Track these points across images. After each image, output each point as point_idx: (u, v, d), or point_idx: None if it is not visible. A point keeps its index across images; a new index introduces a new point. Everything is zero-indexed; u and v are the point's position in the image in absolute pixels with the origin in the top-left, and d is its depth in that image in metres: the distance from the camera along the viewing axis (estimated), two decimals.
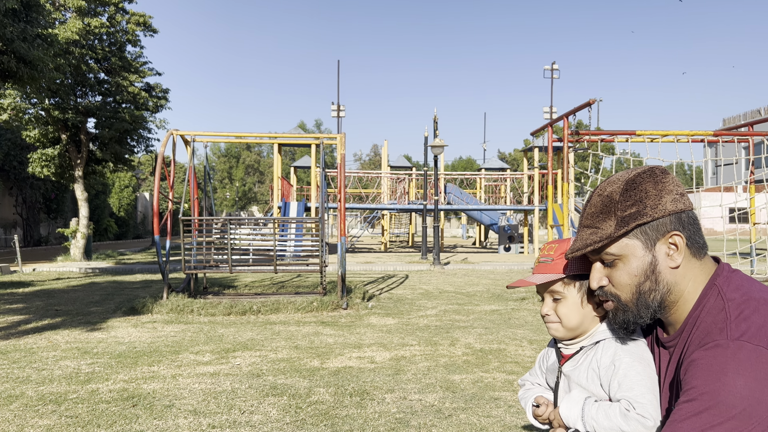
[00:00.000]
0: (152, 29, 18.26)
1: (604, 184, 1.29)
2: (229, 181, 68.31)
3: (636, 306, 1.24)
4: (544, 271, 1.46)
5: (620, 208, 1.22)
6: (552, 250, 1.47)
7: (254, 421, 3.80)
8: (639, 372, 1.29)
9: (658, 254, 1.22)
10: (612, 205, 1.24)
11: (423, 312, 8.42)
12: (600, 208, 1.26)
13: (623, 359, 1.32)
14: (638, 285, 1.23)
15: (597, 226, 1.25)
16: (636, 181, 1.24)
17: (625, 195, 1.23)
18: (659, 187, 1.23)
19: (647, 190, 1.23)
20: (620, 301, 1.26)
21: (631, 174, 1.26)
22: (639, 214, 1.21)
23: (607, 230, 1.23)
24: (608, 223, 1.24)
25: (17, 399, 4.25)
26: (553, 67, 33.32)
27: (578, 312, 1.42)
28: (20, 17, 10.38)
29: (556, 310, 1.44)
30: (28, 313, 8.14)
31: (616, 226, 1.22)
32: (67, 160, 17.52)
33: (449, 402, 4.21)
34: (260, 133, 12.30)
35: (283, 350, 5.87)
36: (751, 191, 11.71)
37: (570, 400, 1.38)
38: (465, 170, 56.89)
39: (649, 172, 1.26)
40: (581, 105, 9.95)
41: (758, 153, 22.95)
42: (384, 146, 28.20)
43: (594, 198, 1.29)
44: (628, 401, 1.26)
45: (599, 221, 1.25)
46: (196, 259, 9.01)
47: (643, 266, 1.22)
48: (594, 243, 1.24)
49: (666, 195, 1.22)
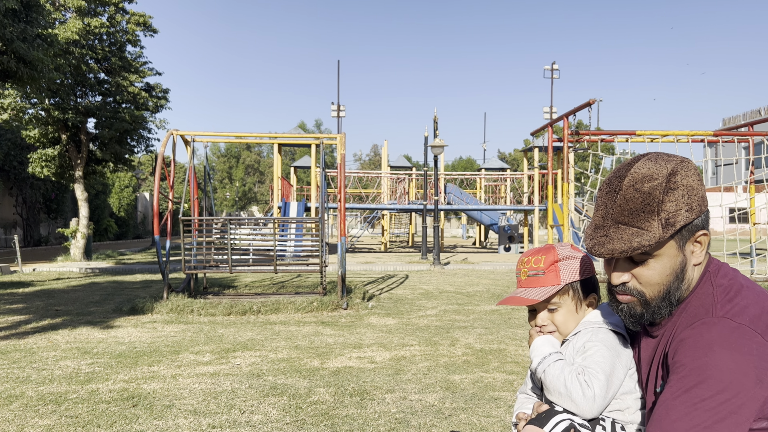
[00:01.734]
0: (152, 29, 18.26)
1: (639, 177, 1.21)
2: (229, 181, 68.32)
3: (659, 302, 1.24)
4: (537, 285, 1.43)
5: (664, 209, 1.18)
6: (540, 262, 1.43)
7: (254, 421, 3.80)
8: (604, 355, 1.35)
9: (686, 253, 1.22)
10: (655, 204, 1.18)
11: (423, 312, 8.42)
12: (640, 205, 1.19)
13: (594, 342, 1.38)
14: (668, 284, 1.22)
15: (640, 226, 1.19)
16: (677, 178, 1.19)
17: (669, 194, 1.18)
18: (696, 184, 1.20)
19: (689, 188, 1.19)
20: (644, 297, 1.24)
21: (668, 167, 1.20)
22: (683, 215, 1.18)
23: (653, 232, 1.18)
24: (652, 223, 1.18)
25: (17, 399, 4.25)
26: (553, 67, 33.32)
27: (574, 318, 1.44)
28: (20, 17, 10.38)
29: (552, 319, 1.44)
30: (29, 313, 8.14)
31: (663, 229, 1.18)
32: (67, 160, 17.52)
33: (449, 402, 4.21)
34: (260, 133, 12.30)
35: (283, 350, 5.87)
36: (751, 191, 11.71)
37: (548, 341, 1.42)
38: (465, 170, 56.90)
39: (684, 165, 1.21)
40: (581, 105, 9.96)
41: (758, 153, 22.94)
42: (384, 146, 28.20)
43: (630, 192, 1.20)
44: (582, 368, 1.33)
45: (641, 221, 1.19)
46: (196, 259, 9.02)
47: (675, 266, 1.22)
48: (643, 247, 1.18)
49: (701, 192, 1.21)
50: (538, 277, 1.42)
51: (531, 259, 1.45)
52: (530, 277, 1.44)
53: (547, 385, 1.36)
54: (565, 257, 1.44)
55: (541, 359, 1.38)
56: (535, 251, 1.47)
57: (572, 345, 1.42)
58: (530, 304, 1.42)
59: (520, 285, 1.47)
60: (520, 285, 1.48)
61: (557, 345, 1.43)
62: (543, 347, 1.41)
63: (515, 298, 1.44)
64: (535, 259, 1.44)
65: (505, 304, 1.45)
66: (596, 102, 9.74)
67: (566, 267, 1.43)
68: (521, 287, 1.46)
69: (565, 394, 1.30)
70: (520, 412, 1.46)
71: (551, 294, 1.40)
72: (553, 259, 1.42)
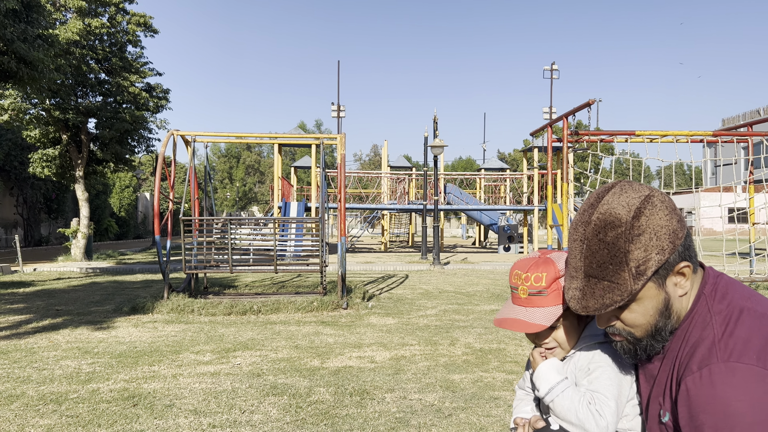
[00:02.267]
0: (153, 30, 18.28)
1: (603, 226, 1.15)
2: (229, 181, 68.32)
3: (649, 340, 1.21)
4: (540, 305, 1.34)
5: (632, 258, 1.12)
6: (540, 279, 1.33)
7: (254, 421, 3.82)
8: (610, 377, 1.32)
9: (669, 289, 1.18)
10: (621, 255, 1.13)
11: (423, 312, 8.43)
12: (607, 257, 1.14)
13: (599, 363, 1.34)
14: (654, 323, 1.19)
15: (610, 280, 1.14)
16: (641, 221, 1.13)
17: (635, 242, 1.12)
18: (665, 221, 1.14)
19: (655, 229, 1.13)
20: (634, 336, 1.22)
21: (631, 210, 1.14)
22: (653, 260, 1.13)
23: (625, 285, 1.14)
24: (622, 275, 1.13)
25: (18, 399, 4.27)
26: (552, 68, 33.31)
27: (577, 331, 1.41)
28: (21, 18, 10.40)
29: (554, 336, 1.39)
30: (29, 313, 8.16)
31: (634, 279, 1.13)
32: (67, 160, 17.54)
33: (449, 401, 4.22)
34: (260, 134, 12.32)
35: (283, 350, 5.89)
36: (750, 191, 11.72)
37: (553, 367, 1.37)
38: (465, 170, 56.91)
39: (648, 203, 1.15)
40: (581, 105, 9.97)
41: (757, 153, 22.94)
42: (384, 146, 28.21)
43: (595, 243, 1.15)
44: (592, 395, 1.30)
45: (610, 274, 1.14)
46: (197, 259, 9.03)
47: (658, 305, 1.18)
48: (616, 302, 1.15)
49: (671, 227, 1.14)
50: (541, 296, 1.33)
51: (530, 276, 1.34)
52: (531, 296, 1.34)
53: (557, 414, 1.34)
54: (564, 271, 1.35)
55: (549, 389, 1.34)
56: (534, 265, 1.36)
57: (574, 363, 1.39)
58: (537, 330, 1.33)
59: (519, 303, 1.37)
60: (518, 302, 1.37)
61: (562, 369, 1.39)
62: (549, 375, 1.36)
63: (518, 321, 1.34)
64: (535, 277, 1.34)
65: (506, 328, 1.35)
66: (595, 102, 9.74)
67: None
68: (521, 305, 1.37)
69: (578, 425, 1.29)
70: (518, 418, 1.46)
71: (558, 316, 1.33)
72: (554, 276, 1.33)
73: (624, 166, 52.56)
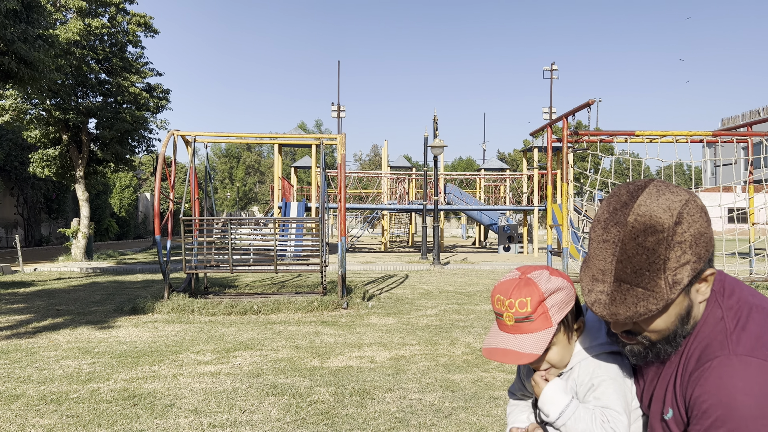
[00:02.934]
0: (153, 30, 18.28)
1: (642, 230, 1.09)
2: (229, 181, 68.34)
3: (664, 345, 1.18)
4: (527, 331, 1.28)
5: (670, 266, 1.07)
6: (525, 305, 1.26)
7: (255, 421, 3.82)
8: (616, 390, 1.31)
9: (692, 295, 1.15)
10: (660, 262, 1.07)
11: (423, 312, 8.44)
12: (645, 264, 1.08)
13: (602, 377, 1.32)
14: (674, 329, 1.16)
15: (645, 287, 1.09)
16: (683, 227, 1.08)
17: (676, 248, 1.07)
18: (703, 228, 1.10)
19: (695, 237, 1.08)
20: (650, 340, 1.18)
21: (673, 215, 1.08)
22: (690, 268, 1.08)
23: (660, 293, 1.08)
24: (659, 283, 1.08)
25: (18, 398, 4.28)
26: (552, 68, 33.32)
27: (568, 350, 1.37)
28: (21, 18, 10.41)
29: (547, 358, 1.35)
30: (30, 313, 8.17)
31: (670, 288, 1.08)
32: (68, 160, 17.55)
33: (449, 401, 4.23)
34: (261, 134, 12.32)
35: (283, 350, 5.89)
36: (750, 191, 11.73)
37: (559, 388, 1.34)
38: (465, 170, 56.91)
39: (689, 207, 1.10)
40: (580, 105, 9.98)
41: (757, 153, 22.94)
42: (384, 146, 28.21)
43: (632, 248, 1.09)
44: (604, 413, 1.29)
45: (646, 281, 1.09)
46: (197, 259, 9.04)
47: (680, 312, 1.15)
48: (651, 312, 1.09)
49: (708, 235, 1.10)
50: (528, 322, 1.27)
51: (514, 302, 1.27)
52: (518, 322, 1.28)
53: None
54: (549, 291, 1.29)
55: (560, 413, 1.30)
56: (516, 289, 1.28)
57: (574, 379, 1.36)
58: (530, 360, 1.28)
59: (506, 330, 1.31)
60: (505, 329, 1.31)
61: (568, 389, 1.35)
62: (557, 398, 1.32)
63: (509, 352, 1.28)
64: (519, 302, 1.27)
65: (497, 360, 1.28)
66: (595, 102, 9.75)
67: (554, 304, 1.29)
68: (508, 333, 1.30)
69: None
70: (514, 428, 1.44)
71: (549, 341, 1.28)
72: (539, 299, 1.27)
73: (624, 166, 52.58)
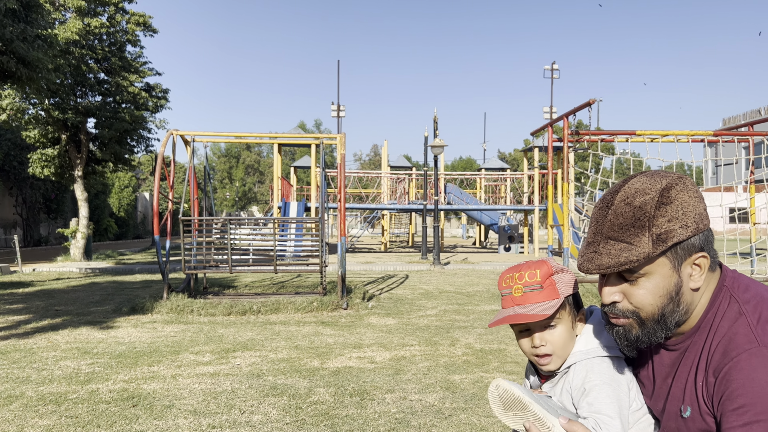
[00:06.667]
0: (152, 29, 18.26)
1: (632, 192, 1.16)
2: (229, 181, 68.33)
3: (654, 325, 1.19)
4: (537, 300, 1.31)
5: (656, 224, 1.13)
6: (535, 276, 1.32)
7: (254, 421, 3.80)
8: (609, 395, 1.30)
9: (683, 275, 1.16)
10: (645, 219, 1.13)
11: (423, 312, 8.42)
12: (630, 220, 1.14)
13: (594, 382, 1.31)
14: (662, 306, 1.17)
15: (629, 242, 1.14)
16: (671, 193, 1.14)
17: (662, 209, 1.13)
18: (693, 201, 1.15)
19: (683, 204, 1.14)
20: (639, 317, 1.19)
21: (663, 182, 1.15)
22: (676, 232, 1.12)
23: (643, 248, 1.13)
24: (642, 239, 1.13)
25: (17, 399, 4.25)
26: (553, 67, 33.31)
27: (571, 336, 1.36)
28: (20, 17, 10.38)
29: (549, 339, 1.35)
30: (28, 313, 8.14)
31: (653, 245, 1.12)
32: (67, 160, 17.52)
33: (449, 402, 4.21)
34: (260, 133, 12.30)
35: (283, 350, 5.87)
36: (751, 191, 11.71)
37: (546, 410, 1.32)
38: (465, 170, 56.91)
39: (680, 181, 1.16)
40: (581, 105, 9.96)
41: (758, 153, 22.95)
42: (384, 146, 28.19)
43: (621, 207, 1.16)
44: (596, 421, 1.28)
45: (631, 236, 1.14)
46: (196, 259, 9.02)
47: (669, 287, 1.16)
48: (630, 262, 1.13)
49: (698, 209, 1.15)
50: (536, 291, 1.31)
51: (524, 273, 1.33)
52: (527, 292, 1.32)
53: None
54: (557, 270, 1.35)
55: None
56: (525, 265, 1.35)
57: (569, 382, 1.35)
58: (538, 319, 1.29)
59: (515, 302, 1.34)
60: (514, 302, 1.34)
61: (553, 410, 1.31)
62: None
63: (517, 315, 1.30)
64: (529, 273, 1.33)
65: (502, 323, 1.32)
66: (596, 102, 9.73)
67: (561, 280, 1.35)
68: (517, 304, 1.33)
69: None
70: None
71: (557, 308, 1.30)
72: (548, 272, 1.33)
73: (625, 165, 52.60)
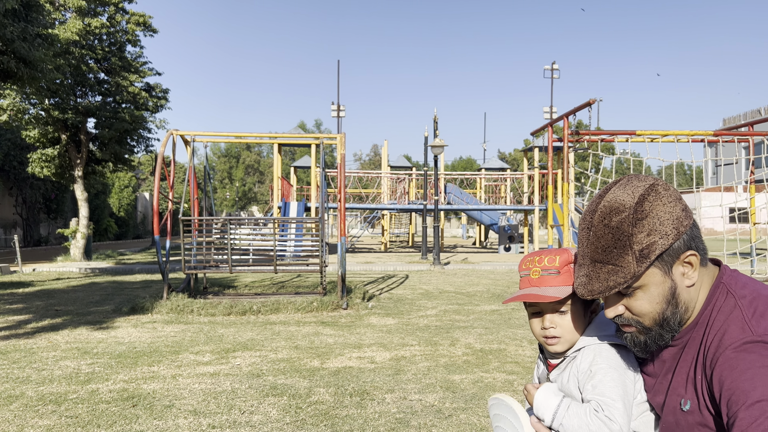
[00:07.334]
0: (152, 29, 18.26)
1: (607, 212, 1.19)
2: (229, 181, 68.31)
3: (658, 329, 1.23)
4: (553, 284, 1.36)
5: (635, 241, 1.16)
6: (554, 261, 1.37)
7: (254, 421, 3.80)
8: (614, 378, 1.32)
9: (675, 277, 1.20)
10: (625, 239, 1.16)
11: (423, 312, 8.42)
12: (611, 241, 1.18)
13: (600, 365, 1.34)
14: (661, 312, 1.21)
15: (614, 263, 1.18)
16: (644, 207, 1.17)
17: (638, 225, 1.16)
18: (668, 207, 1.18)
19: (658, 214, 1.17)
20: (643, 325, 1.23)
21: (635, 196, 1.18)
22: (657, 244, 1.16)
23: (628, 268, 1.17)
24: (626, 258, 1.17)
25: (17, 399, 4.25)
26: (553, 67, 33.30)
27: (581, 322, 1.40)
28: (20, 17, 10.38)
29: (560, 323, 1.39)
30: (28, 314, 8.14)
31: (637, 262, 1.16)
32: (66, 160, 17.52)
33: (449, 402, 4.21)
34: (260, 133, 12.29)
35: (283, 350, 5.87)
36: (751, 191, 11.72)
37: (549, 390, 1.37)
38: (465, 170, 56.89)
39: (652, 190, 1.19)
40: (581, 105, 9.96)
41: (758, 153, 22.96)
42: (384, 146, 28.19)
43: (600, 229, 1.20)
44: (598, 403, 1.29)
45: (615, 257, 1.18)
46: (196, 259, 9.01)
47: (664, 292, 1.20)
48: (619, 285, 1.18)
49: (675, 214, 1.18)
50: (552, 276, 1.37)
51: (544, 258, 1.40)
52: (543, 275, 1.38)
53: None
54: None
55: (553, 414, 1.33)
56: (547, 252, 1.41)
57: (576, 365, 1.38)
58: (550, 301, 1.35)
59: (532, 284, 1.40)
60: (531, 284, 1.40)
61: (558, 391, 1.38)
62: (548, 400, 1.35)
63: (530, 295, 1.37)
64: (548, 258, 1.39)
65: (516, 300, 1.38)
66: (596, 102, 9.73)
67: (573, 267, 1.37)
68: (533, 286, 1.39)
69: None
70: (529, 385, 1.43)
71: (569, 293, 1.35)
72: (567, 260, 1.37)
73: (625, 165, 52.56)
